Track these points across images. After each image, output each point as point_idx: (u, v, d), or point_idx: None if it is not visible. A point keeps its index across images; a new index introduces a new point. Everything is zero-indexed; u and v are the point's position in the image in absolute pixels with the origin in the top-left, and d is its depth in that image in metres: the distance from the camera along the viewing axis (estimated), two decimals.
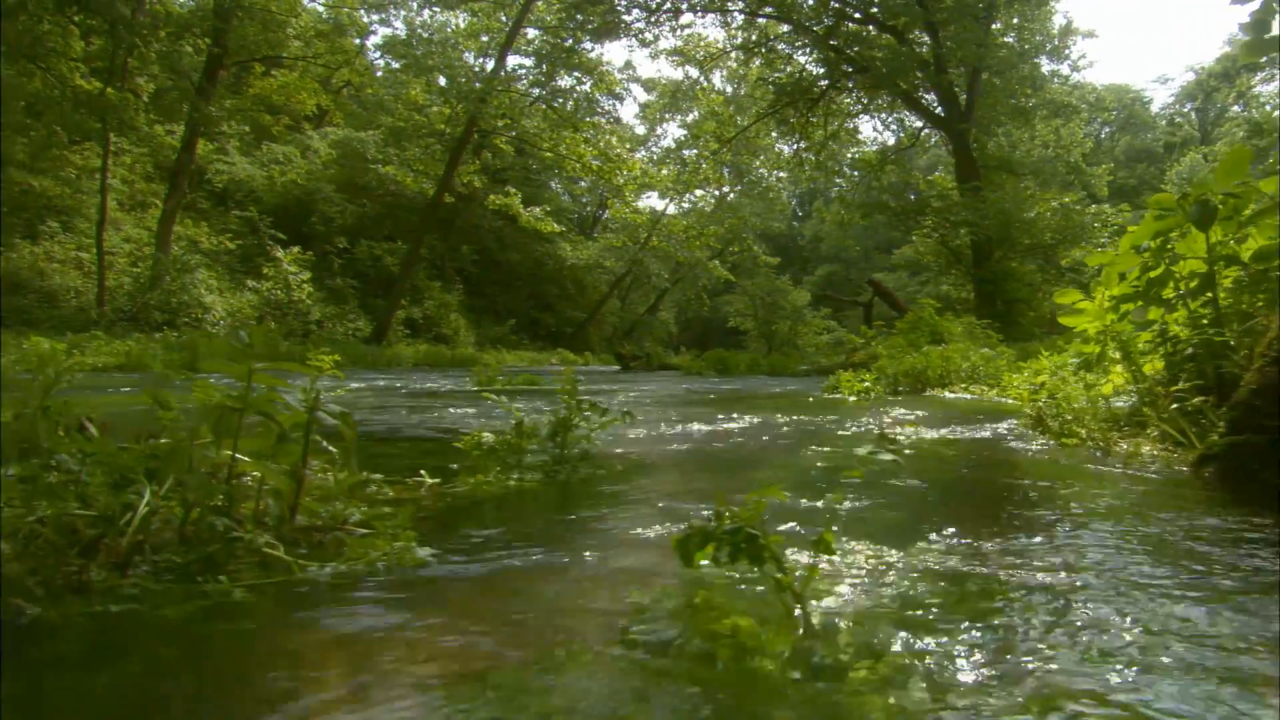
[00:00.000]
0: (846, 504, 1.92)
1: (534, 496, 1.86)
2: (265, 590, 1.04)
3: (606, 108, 30.02)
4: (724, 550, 0.94)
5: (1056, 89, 26.01)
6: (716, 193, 35.86)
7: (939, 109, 22.04)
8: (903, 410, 5.00)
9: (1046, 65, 25.19)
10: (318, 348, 17.65)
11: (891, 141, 28.61)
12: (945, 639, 0.95)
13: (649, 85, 38.77)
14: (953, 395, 6.52)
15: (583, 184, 39.37)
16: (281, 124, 28.07)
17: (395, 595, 1.05)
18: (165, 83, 21.90)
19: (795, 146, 25.74)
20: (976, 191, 19.61)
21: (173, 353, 13.05)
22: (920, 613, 1.04)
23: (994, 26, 21.48)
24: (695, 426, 3.78)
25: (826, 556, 0.93)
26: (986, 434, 3.50)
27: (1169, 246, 3.29)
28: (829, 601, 1.03)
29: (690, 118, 35.91)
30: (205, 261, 22.04)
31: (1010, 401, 5.57)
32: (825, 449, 3.07)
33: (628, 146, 29.81)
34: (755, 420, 4.13)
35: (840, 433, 3.65)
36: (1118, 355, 3.60)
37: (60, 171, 20.49)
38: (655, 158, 36.25)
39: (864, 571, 1.24)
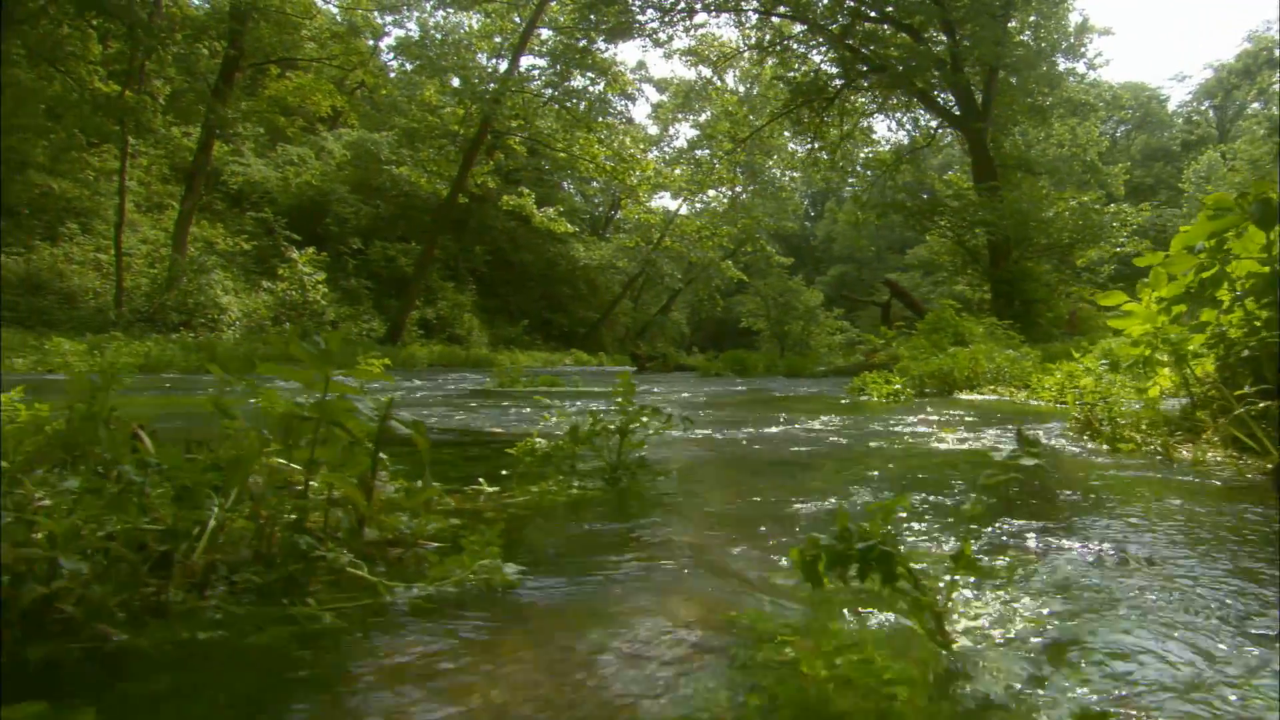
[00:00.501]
0: (924, 505, 1.85)
1: (600, 506, 1.78)
2: (352, 614, 0.97)
3: (619, 108, 29.99)
4: (853, 568, 0.87)
5: (1073, 87, 25.77)
6: (729, 193, 35.74)
7: (955, 108, 21.87)
8: (943, 412, 4.91)
9: (1063, 63, 24.95)
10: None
11: (905, 141, 28.45)
12: (1098, 666, 0.88)
13: (661, 85, 38.78)
14: (981, 397, 6.41)
15: (594, 184, 39.36)
16: (296, 125, 28.19)
17: (491, 622, 0.98)
18: (181, 85, 22.04)
19: (810, 146, 25.59)
20: (994, 191, 19.44)
21: (191, 354, 13.11)
22: (1058, 632, 0.97)
23: (1010, 25, 21.29)
24: (734, 430, 3.71)
25: (967, 575, 0.85)
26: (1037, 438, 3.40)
27: (1225, 247, 3.20)
28: (968, 623, 0.96)
29: (703, 118, 35.87)
30: (221, 263, 22.15)
31: (1042, 404, 5.47)
32: (877, 452, 2.99)
33: (641, 147, 29.75)
34: (792, 423, 4.05)
35: (887, 435, 3.56)
36: (1167, 358, 3.50)
37: (79, 174, 20.62)
38: (668, 158, 36.23)
39: (992, 586, 1.17)
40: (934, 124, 24.81)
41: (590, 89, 25.12)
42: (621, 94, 28.33)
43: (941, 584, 1.04)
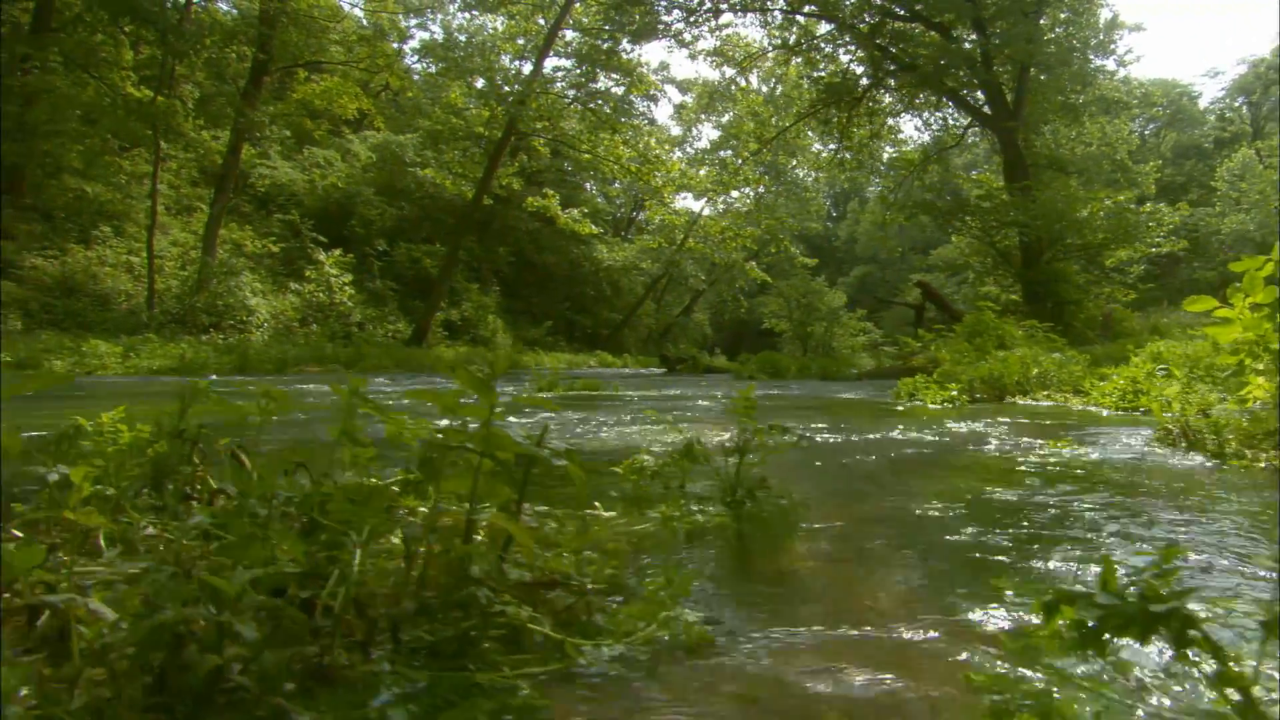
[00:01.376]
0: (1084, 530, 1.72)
1: (733, 535, 1.66)
2: (541, 679, 0.86)
3: (641, 109, 29.88)
4: (1132, 630, 0.74)
5: (1106, 85, 25.32)
6: (752, 193, 35.51)
7: (985, 107, 21.56)
8: (1011, 419, 4.74)
9: (1093, 61, 24.52)
10: (361, 349, 17.78)
11: (929, 139, 28.11)
12: None
13: (683, 86, 38.61)
14: (1035, 403, 6.23)
15: (616, 185, 39.31)
16: (322, 128, 28.39)
17: (710, 693, 0.85)
18: (210, 89, 22.25)
19: (836, 146, 25.35)
20: (1026, 191, 19.13)
21: (224, 355, 13.18)
22: None
23: (1041, 22, 20.94)
24: (816, 439, 3.56)
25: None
26: (1133, 451, 3.23)
27: None
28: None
29: (725, 118, 35.68)
30: (249, 265, 22.31)
31: (1108, 411, 5.28)
32: (993, 464, 2.84)
33: (666, 148, 29.64)
34: (865, 431, 3.91)
35: (978, 443, 3.41)
36: (1264, 365, 3.33)
37: (111, 178, 20.85)
38: (690, 158, 36.08)
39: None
40: (964, 123, 24.43)
41: (614, 90, 25.02)
42: (645, 95, 28.25)
43: (1244, 650, 0.92)
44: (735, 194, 36.59)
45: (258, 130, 22.23)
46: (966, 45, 20.82)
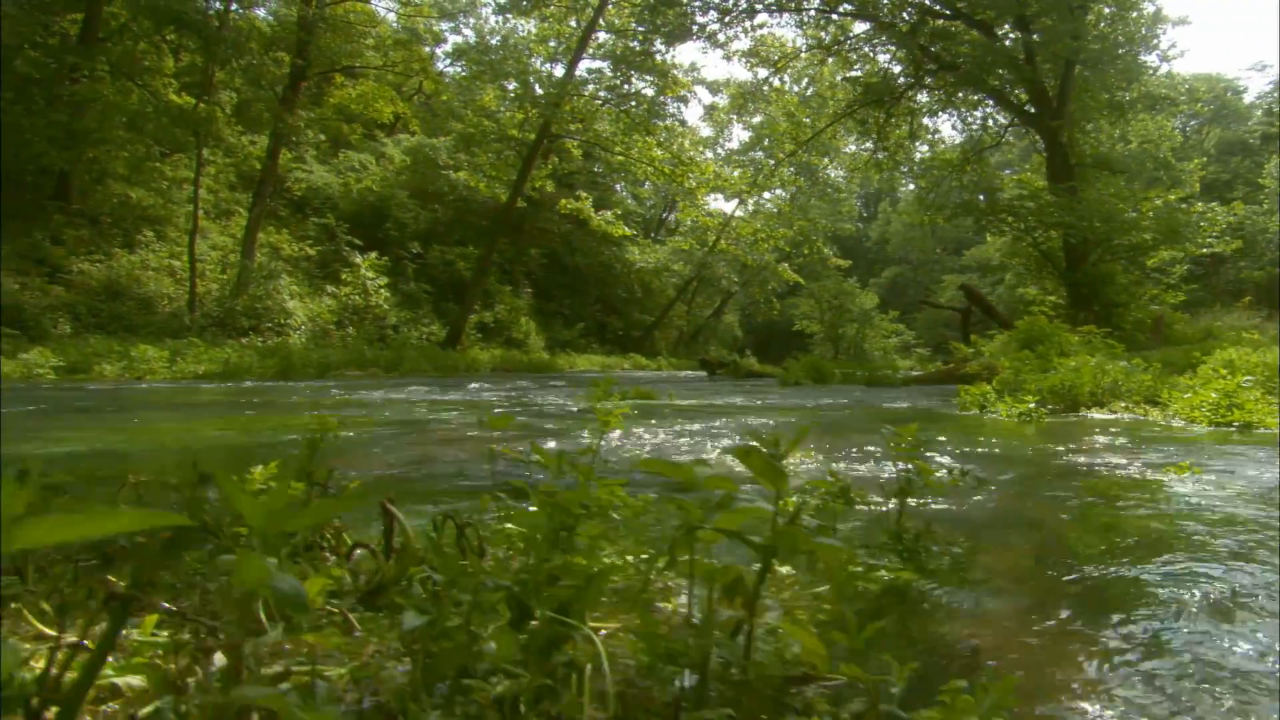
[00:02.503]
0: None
1: (935, 596, 1.51)
2: None
3: (671, 110, 29.73)
4: None
5: (1152, 81, 24.70)
6: (784, 194, 35.21)
7: (1028, 105, 21.12)
8: (1105, 434, 4.53)
9: (1138, 56, 23.93)
10: (399, 353, 17.88)
11: (969, 140, 27.64)
12: None
13: (713, 87, 38.38)
14: (1114, 416, 5.98)
15: (646, 186, 39.21)
16: (357, 133, 28.65)
17: None
18: (247, 95, 22.53)
19: (873, 147, 25.01)
20: (1073, 191, 18.70)
21: (266, 359, 13.28)
22: None
23: (1087, 17, 20.45)
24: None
25: None
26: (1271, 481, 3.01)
27: None
28: None
29: (756, 119, 35.41)
30: (286, 268, 22.54)
31: (1196, 426, 5.04)
32: (1115, 495, 2.67)
33: (700, 149, 29.48)
34: (959, 451, 3.73)
35: (1093, 471, 3.21)
36: None
37: (153, 183, 21.18)
38: (721, 159, 35.87)
39: None
40: (1005, 123, 23.96)
41: (648, 92, 24.91)
42: (676, 97, 28.11)
43: None
44: (766, 195, 36.36)
45: (295, 135, 22.45)
46: (1009, 42, 20.41)
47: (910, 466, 1.90)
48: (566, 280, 32.21)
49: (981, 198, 36.93)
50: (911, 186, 43.01)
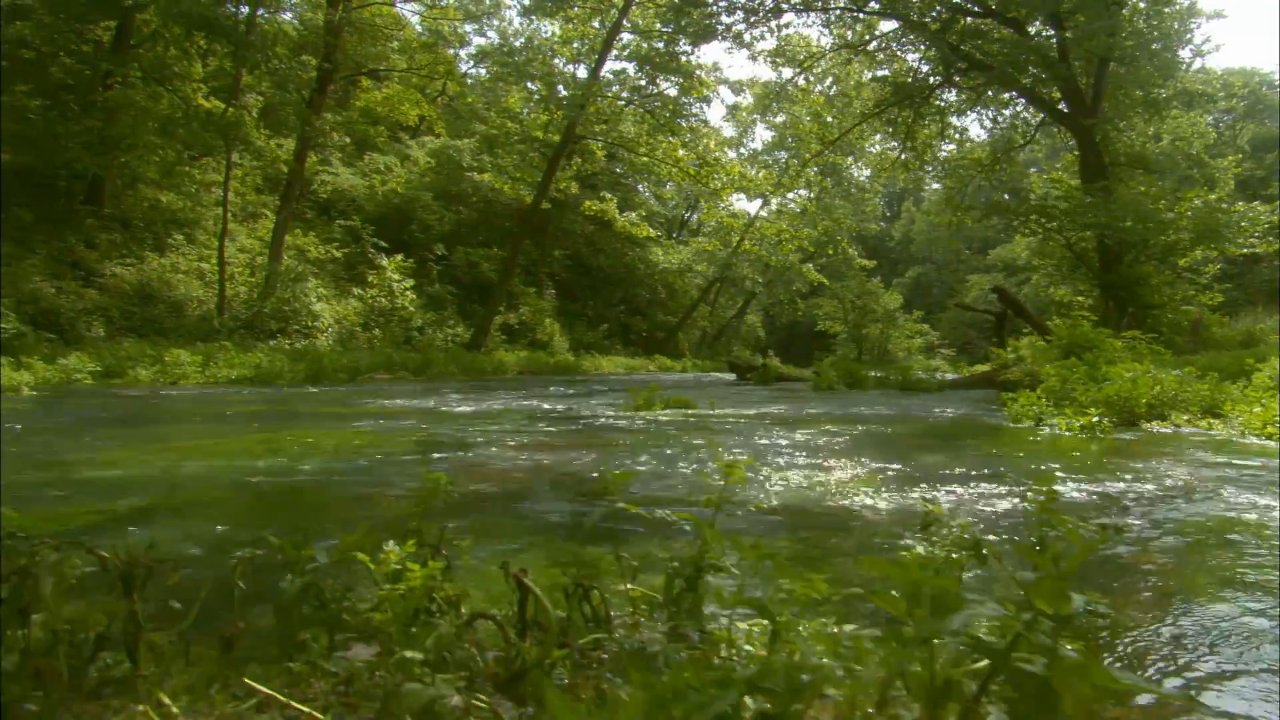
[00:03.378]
0: None
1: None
2: None
3: (694, 110, 29.59)
4: None
5: (1188, 77, 24.18)
6: (808, 194, 34.92)
7: (1060, 104, 20.76)
8: (1190, 454, 4.35)
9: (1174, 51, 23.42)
10: (428, 356, 17.89)
11: (994, 138, 27.25)
12: None
13: (735, 87, 38.19)
14: (1177, 429, 5.78)
15: (669, 186, 39.09)
16: (382, 135, 28.78)
17: None
18: (273, 99, 22.67)
19: (900, 146, 24.71)
20: (1107, 191, 18.35)
21: (297, 364, 13.30)
22: None
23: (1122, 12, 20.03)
24: (998, 499, 3.19)
25: None
26: None
27: None
28: None
29: (779, 119, 35.15)
30: (313, 270, 22.67)
31: (1272, 443, 4.84)
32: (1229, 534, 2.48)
33: (724, 150, 29.31)
34: (1030, 478, 3.58)
35: (1200, 504, 3.03)
36: None
37: (182, 186, 21.38)
38: (743, 158, 35.65)
39: None
40: (1034, 121, 23.57)
41: (673, 93, 24.76)
42: (700, 98, 27.96)
43: None
44: (790, 195, 36.11)
45: (322, 138, 22.57)
46: (1041, 39, 20.05)
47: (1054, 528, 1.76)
48: (590, 281, 32.17)
49: (1007, 197, 36.47)
50: (936, 185, 42.58)
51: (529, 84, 25.10)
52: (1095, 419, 5.22)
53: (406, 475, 3.27)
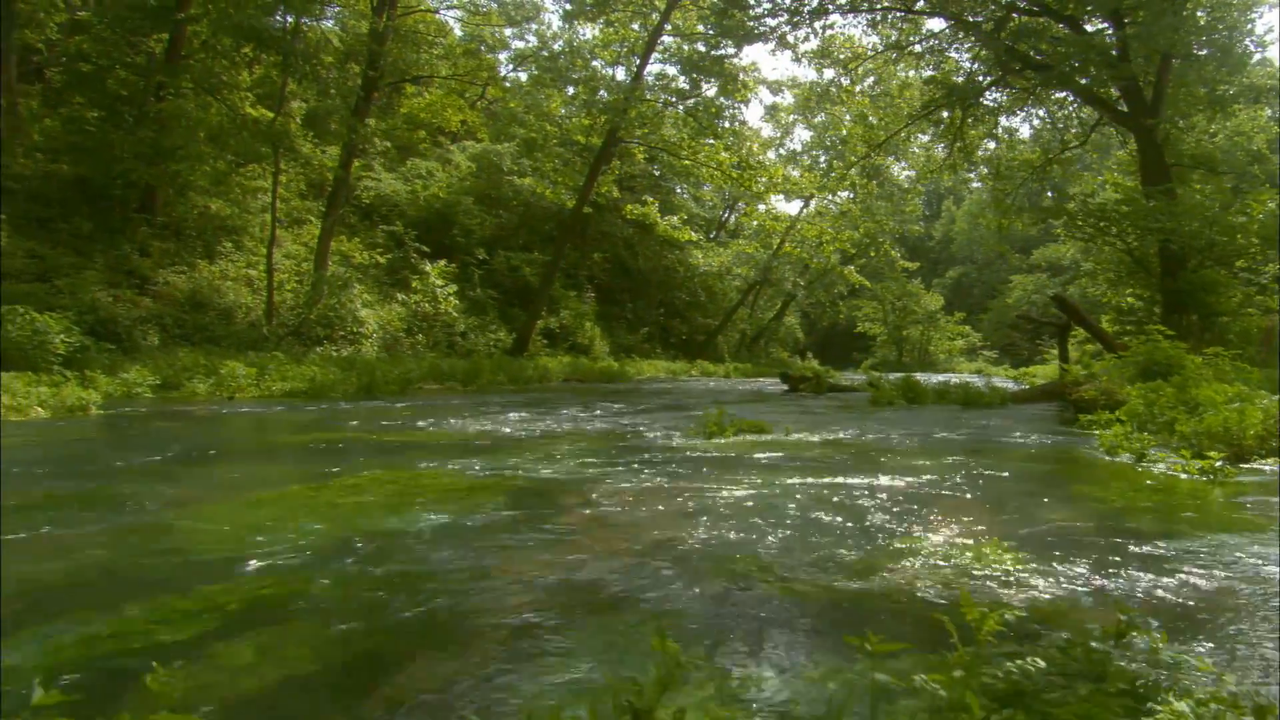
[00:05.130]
0: None
1: None
2: None
3: (732, 111, 29.30)
4: None
5: (1254, 71, 23.27)
6: (850, 195, 34.39)
7: (1119, 102, 20.09)
8: None
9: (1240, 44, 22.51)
10: (476, 364, 17.87)
11: (1044, 138, 26.51)
12: None
13: (774, 87, 37.82)
14: None
15: (706, 188, 38.80)
16: (423, 140, 28.91)
17: None
18: (316, 106, 22.86)
19: (948, 148, 24.15)
20: (1170, 194, 17.69)
21: (349, 375, 13.32)
22: None
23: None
24: (1156, 566, 2.93)
25: None
26: None
27: None
28: None
29: (819, 119, 34.69)
30: (358, 276, 22.81)
31: None
32: None
33: (768, 154, 28.98)
34: (1204, 558, 3.27)
35: None
36: None
37: (230, 194, 21.66)
38: (783, 158, 35.26)
39: None
40: (1090, 121, 22.87)
41: (716, 96, 24.48)
42: (742, 100, 27.67)
43: None
44: (831, 196, 35.64)
45: (369, 145, 22.71)
46: (1101, 37, 19.41)
47: None
48: (629, 284, 32.02)
49: (1051, 195, 35.48)
50: (977, 185, 41.65)
51: (569, 88, 25.03)
52: (1218, 462, 4.88)
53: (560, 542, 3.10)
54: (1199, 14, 20.15)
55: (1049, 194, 35.56)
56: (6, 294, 13.09)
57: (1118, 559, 2.99)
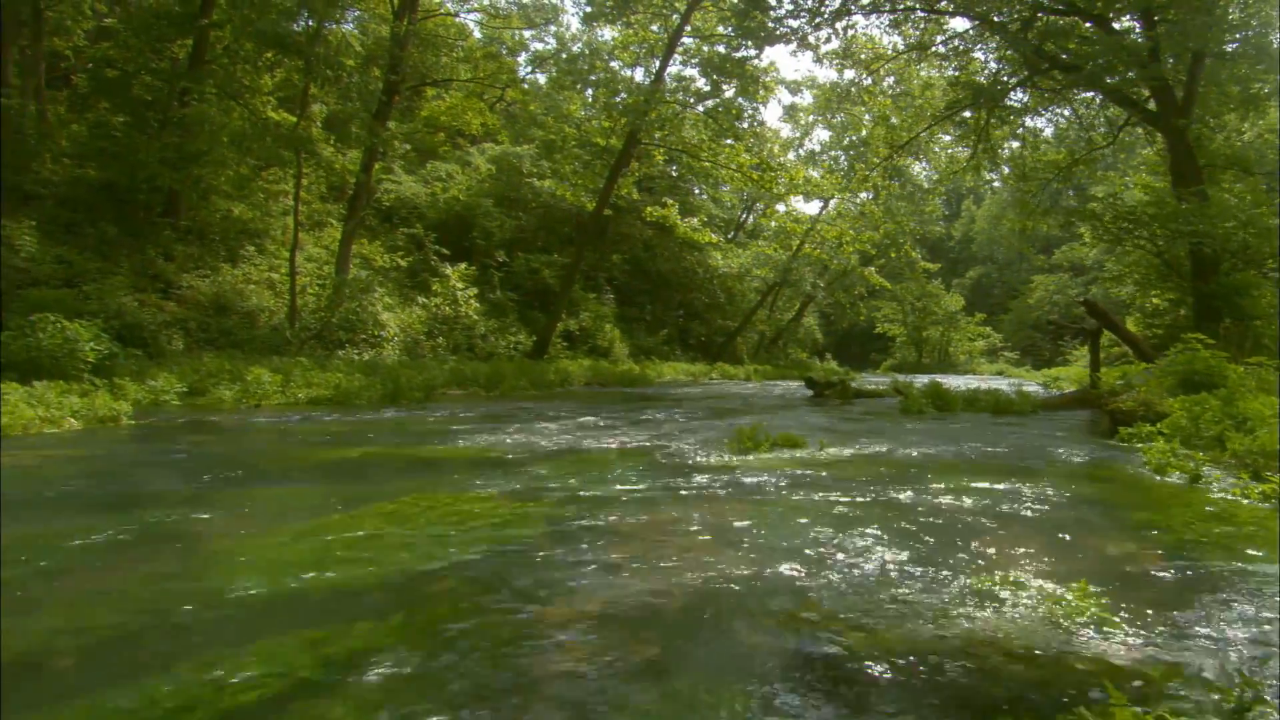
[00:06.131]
0: None
1: None
2: None
3: (750, 111, 29.09)
4: None
5: None
6: (870, 196, 34.11)
7: (1148, 101, 19.73)
8: None
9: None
10: (498, 368, 17.83)
11: (1060, 139, 26.13)
12: None
13: (793, 87, 37.55)
14: None
15: (724, 189, 38.64)
16: (443, 143, 28.94)
17: None
18: (337, 109, 22.89)
19: (972, 149, 23.84)
20: (1202, 195, 17.35)
21: (374, 383, 13.30)
22: None
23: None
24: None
25: None
26: None
27: None
28: None
29: (837, 119, 34.42)
30: (379, 279, 22.85)
31: None
32: None
33: (789, 155, 28.77)
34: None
35: None
36: None
37: (252, 197, 21.75)
38: (802, 159, 35.02)
39: None
40: (1118, 122, 22.49)
41: (736, 98, 24.30)
42: (762, 101, 27.47)
43: None
44: (851, 197, 35.39)
45: (390, 149, 22.74)
46: (1130, 36, 19.07)
47: None
48: (648, 285, 31.92)
49: (1071, 193, 34.95)
50: (998, 183, 41.12)
51: (588, 90, 24.93)
52: None
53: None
54: (1232, 10, 19.75)
55: (1069, 193, 35.05)
56: (36, 301, 13.20)
57: (1199, 603, 2.85)
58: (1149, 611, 2.74)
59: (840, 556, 3.48)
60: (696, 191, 37.00)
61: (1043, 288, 51.24)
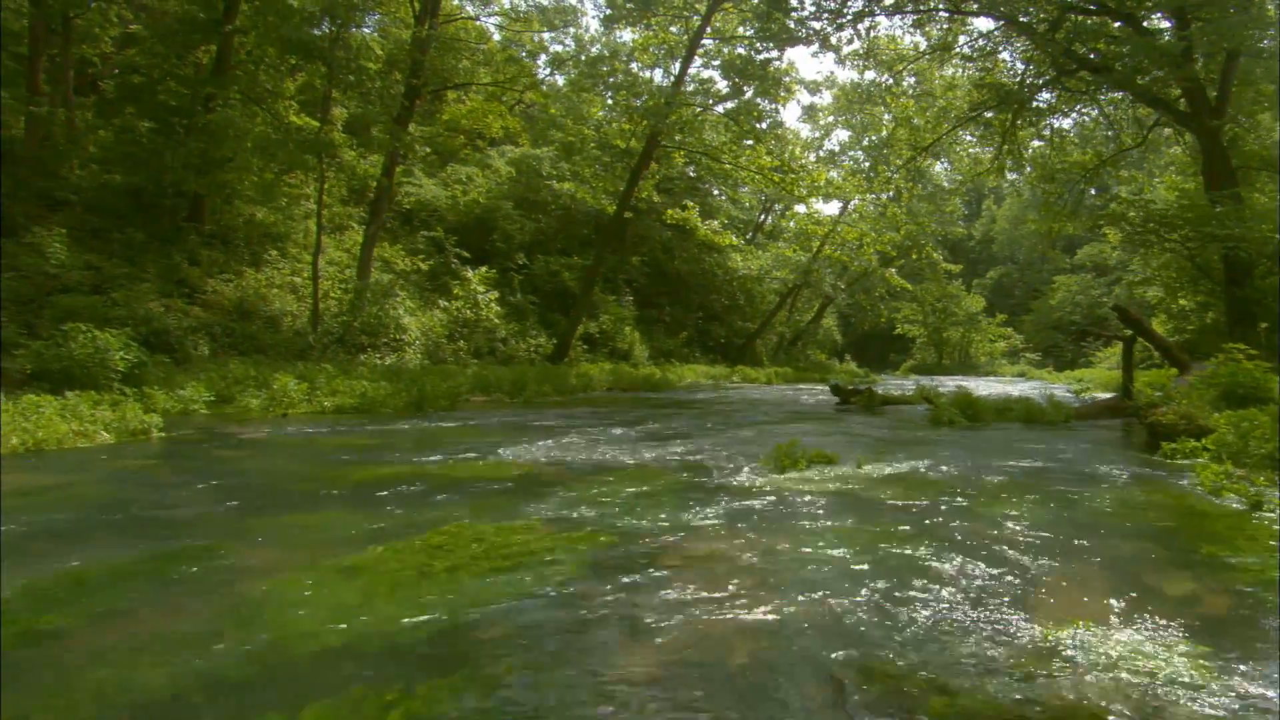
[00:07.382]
0: None
1: None
2: None
3: (769, 112, 28.86)
4: None
5: None
6: (892, 198, 33.80)
7: (1179, 101, 19.36)
8: None
9: None
10: (521, 374, 17.80)
11: (1086, 141, 25.70)
12: None
13: (812, 87, 37.26)
14: None
15: (743, 190, 38.43)
16: (463, 146, 28.94)
17: None
18: (358, 113, 22.93)
19: (997, 150, 23.53)
20: (1236, 198, 17.00)
21: (397, 387, 13.28)
22: None
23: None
24: None
25: None
26: None
27: None
28: None
29: (857, 119, 34.11)
30: (400, 283, 22.88)
31: None
32: None
33: (811, 157, 28.54)
34: None
35: None
36: None
37: (275, 202, 21.84)
38: (821, 159, 34.73)
39: None
40: (1148, 122, 22.09)
41: (758, 101, 24.10)
42: (783, 102, 27.26)
43: None
44: (871, 198, 35.08)
45: (411, 152, 22.76)
46: (1161, 36, 18.71)
47: None
48: (668, 287, 31.80)
49: (1094, 192, 34.42)
50: (1017, 180, 40.59)
51: (608, 93, 24.83)
52: None
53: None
54: (1269, 6, 19.33)
55: (1093, 192, 34.56)
56: (67, 307, 13.30)
57: None
58: (1242, 668, 2.61)
59: (898, 595, 3.37)
60: (715, 193, 36.84)
61: (1065, 288, 50.61)
